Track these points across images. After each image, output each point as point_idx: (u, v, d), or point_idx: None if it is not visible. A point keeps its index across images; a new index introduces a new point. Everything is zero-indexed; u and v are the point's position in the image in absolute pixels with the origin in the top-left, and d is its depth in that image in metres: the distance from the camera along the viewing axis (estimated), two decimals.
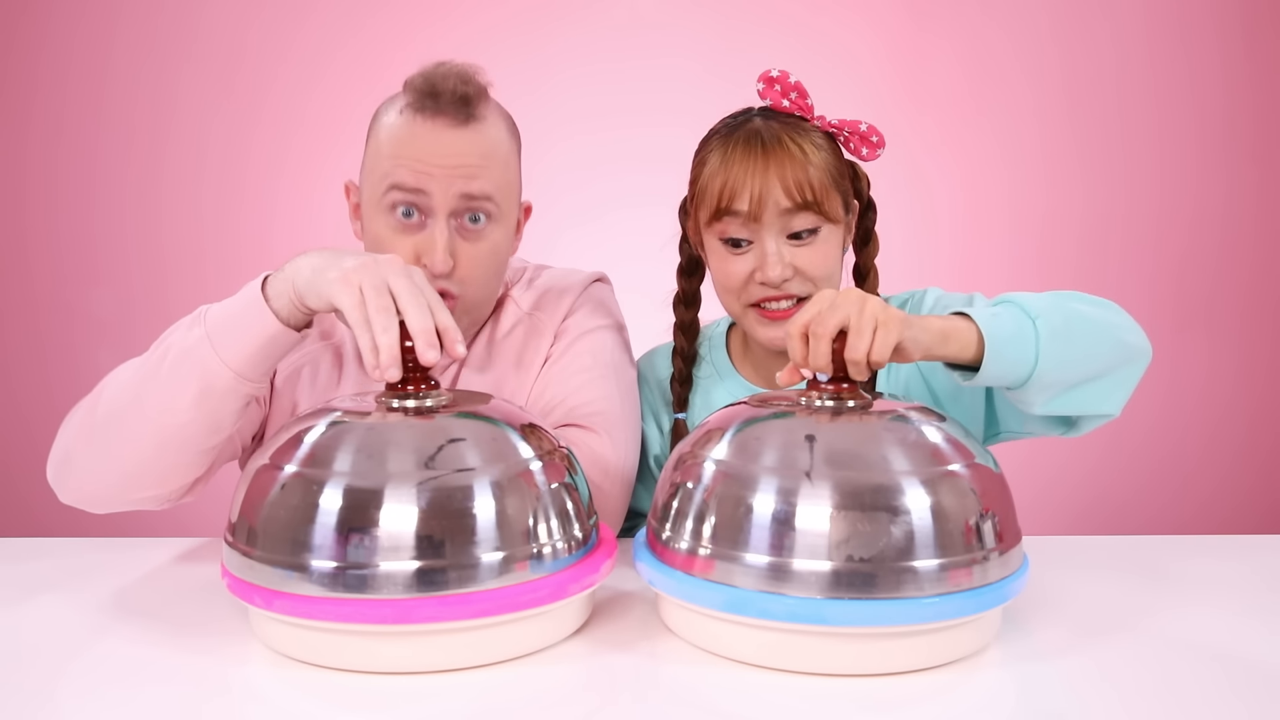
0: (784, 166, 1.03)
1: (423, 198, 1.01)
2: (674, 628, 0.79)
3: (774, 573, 0.71)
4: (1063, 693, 0.70)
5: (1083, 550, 1.04)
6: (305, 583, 0.71)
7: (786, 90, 1.08)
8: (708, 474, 0.77)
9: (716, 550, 0.74)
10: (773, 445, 0.76)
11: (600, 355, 1.11)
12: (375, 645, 0.72)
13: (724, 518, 0.74)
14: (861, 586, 0.70)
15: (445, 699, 0.69)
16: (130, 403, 0.91)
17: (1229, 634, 0.80)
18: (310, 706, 0.69)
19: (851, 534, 0.70)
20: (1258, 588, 0.92)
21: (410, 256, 1.02)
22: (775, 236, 1.04)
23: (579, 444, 1.03)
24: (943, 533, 0.71)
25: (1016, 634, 0.79)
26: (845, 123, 1.08)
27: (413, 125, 1.02)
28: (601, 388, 1.08)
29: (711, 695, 0.70)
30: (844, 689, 0.70)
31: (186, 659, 0.76)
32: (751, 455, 0.76)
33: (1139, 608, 0.87)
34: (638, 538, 0.84)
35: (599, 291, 1.19)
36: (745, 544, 0.73)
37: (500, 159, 1.05)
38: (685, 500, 0.78)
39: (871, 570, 0.70)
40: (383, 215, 1.03)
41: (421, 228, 1.02)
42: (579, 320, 1.13)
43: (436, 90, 1.02)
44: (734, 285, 1.07)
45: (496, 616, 0.72)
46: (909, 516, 0.71)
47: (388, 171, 1.02)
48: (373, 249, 1.05)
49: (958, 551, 0.72)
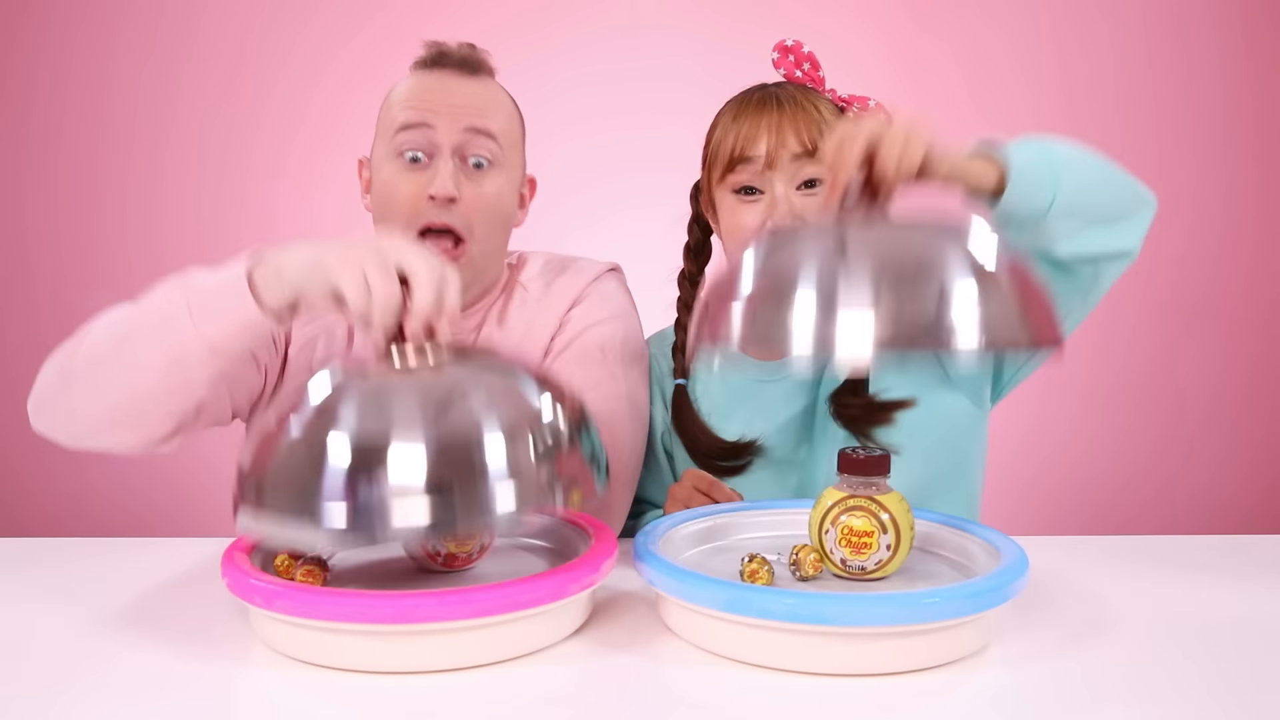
0: (796, 118, 1.06)
1: (428, 133, 1.05)
2: (674, 628, 0.79)
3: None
4: (1062, 693, 0.70)
5: (1083, 550, 1.04)
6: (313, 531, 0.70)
7: (800, 60, 1.11)
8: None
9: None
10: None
11: (607, 351, 1.11)
12: (375, 645, 0.72)
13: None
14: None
15: (445, 699, 0.69)
16: (106, 356, 0.91)
17: (1229, 633, 0.80)
18: (310, 706, 0.69)
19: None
20: (1258, 588, 0.91)
21: (417, 194, 1.05)
22: (786, 184, 1.06)
23: None
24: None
25: (1016, 634, 0.79)
26: (855, 98, 1.11)
27: (421, 78, 1.08)
28: (608, 386, 1.08)
29: (711, 695, 0.70)
30: (844, 689, 0.70)
31: (186, 658, 0.76)
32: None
33: (1139, 608, 0.87)
34: (638, 538, 0.84)
35: (609, 283, 1.18)
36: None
37: (505, 111, 1.10)
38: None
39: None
40: (390, 161, 1.06)
41: (427, 169, 1.05)
42: (585, 312, 1.13)
43: (444, 51, 1.09)
44: (745, 236, 1.08)
45: (496, 616, 0.72)
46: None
47: (395, 117, 1.06)
48: (381, 195, 1.08)
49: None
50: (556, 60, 2.39)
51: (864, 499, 0.82)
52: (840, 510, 0.82)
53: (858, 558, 0.81)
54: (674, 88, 2.30)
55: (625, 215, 2.14)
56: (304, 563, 0.82)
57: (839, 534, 0.81)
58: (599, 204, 2.31)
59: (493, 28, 2.38)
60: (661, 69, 2.39)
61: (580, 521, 0.90)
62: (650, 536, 0.84)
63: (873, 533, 0.81)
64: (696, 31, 2.40)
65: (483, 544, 0.85)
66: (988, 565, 0.81)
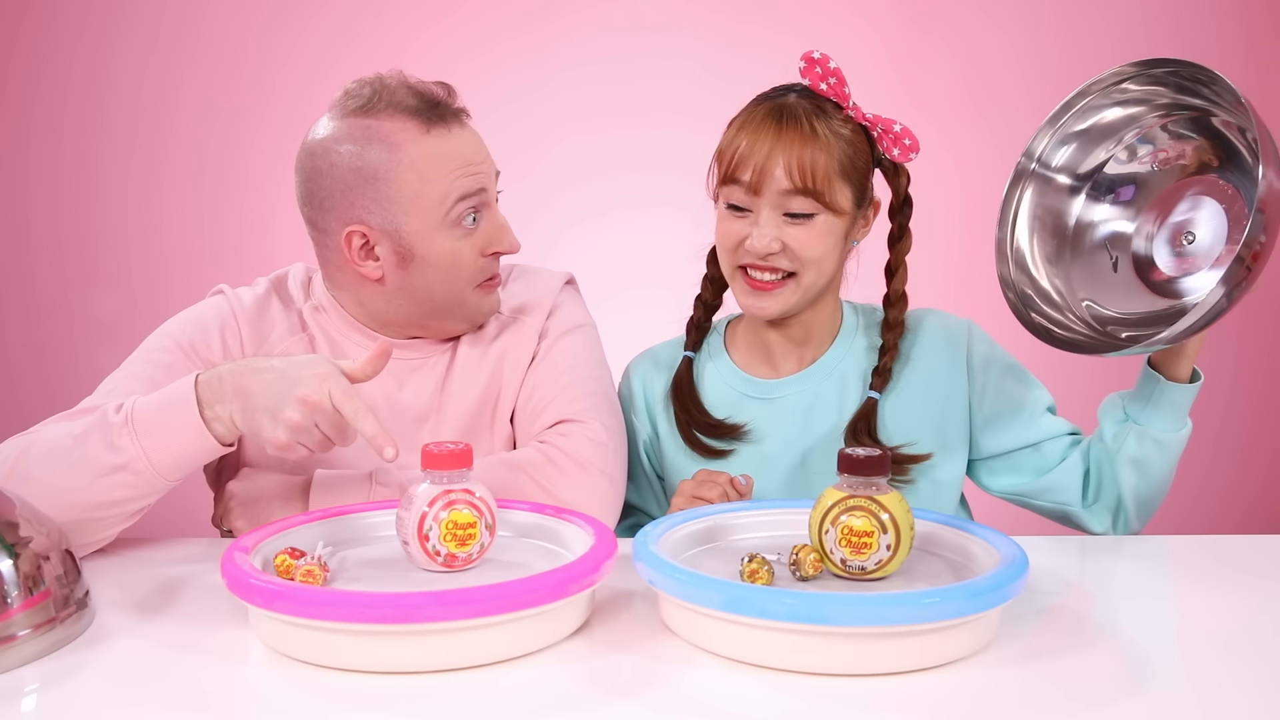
0: (792, 147, 1.05)
1: (483, 196, 1.09)
2: (674, 628, 0.79)
3: None
4: (1062, 693, 0.70)
5: (1083, 550, 1.04)
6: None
7: (826, 74, 1.10)
8: None
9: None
10: None
11: (582, 354, 1.15)
12: (375, 645, 0.72)
13: None
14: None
15: (445, 699, 0.69)
16: (57, 485, 0.93)
17: (1229, 633, 0.80)
18: (310, 706, 0.69)
19: None
20: (1258, 587, 0.91)
21: (483, 249, 1.10)
22: (771, 210, 1.07)
23: (575, 437, 1.06)
24: None
25: (1016, 634, 0.79)
26: (880, 119, 1.10)
27: (446, 139, 1.07)
28: (587, 386, 1.12)
29: (711, 695, 0.70)
30: (844, 689, 0.70)
31: (186, 658, 0.76)
32: None
33: (1139, 608, 0.87)
34: (638, 537, 0.84)
35: (571, 293, 1.23)
36: None
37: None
38: None
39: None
40: (449, 230, 1.08)
41: (476, 225, 1.09)
42: (560, 320, 1.17)
43: (438, 102, 1.07)
44: (728, 245, 1.11)
45: (496, 616, 0.72)
46: None
47: (448, 189, 1.06)
48: (447, 266, 1.09)
49: None
50: (556, 60, 2.39)
51: (864, 499, 0.82)
52: (840, 510, 0.82)
53: (858, 558, 0.81)
54: (674, 88, 2.31)
55: (624, 214, 2.15)
56: (304, 563, 0.82)
57: (839, 534, 0.81)
58: (598, 203, 2.32)
59: (493, 27, 2.39)
60: (661, 69, 2.39)
61: (581, 521, 0.90)
62: (650, 536, 0.84)
63: (873, 533, 0.81)
64: (697, 31, 2.40)
65: (482, 544, 0.85)
66: (988, 565, 0.81)
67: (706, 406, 1.17)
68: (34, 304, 2.48)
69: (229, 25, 2.43)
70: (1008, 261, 1.08)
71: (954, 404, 1.14)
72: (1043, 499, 1.15)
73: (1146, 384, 1.07)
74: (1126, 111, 1.05)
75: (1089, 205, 1.09)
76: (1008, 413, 1.14)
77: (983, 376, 1.14)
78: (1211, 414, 2.43)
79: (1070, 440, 1.15)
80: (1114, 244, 1.07)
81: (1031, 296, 1.07)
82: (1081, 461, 1.13)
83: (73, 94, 2.45)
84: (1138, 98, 1.04)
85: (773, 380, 1.17)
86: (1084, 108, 1.06)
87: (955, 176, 2.45)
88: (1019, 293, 1.07)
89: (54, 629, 0.78)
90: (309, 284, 1.19)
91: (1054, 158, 1.08)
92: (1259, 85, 2.40)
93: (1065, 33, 2.40)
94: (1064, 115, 1.07)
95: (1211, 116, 1.01)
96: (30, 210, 2.48)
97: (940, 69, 2.42)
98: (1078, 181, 1.09)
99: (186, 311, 1.16)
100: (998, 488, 1.18)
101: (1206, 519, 2.32)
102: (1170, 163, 1.05)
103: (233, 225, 2.45)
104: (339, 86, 1.11)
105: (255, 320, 1.14)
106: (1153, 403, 1.07)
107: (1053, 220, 1.09)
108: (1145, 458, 1.08)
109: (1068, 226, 1.09)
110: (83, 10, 2.43)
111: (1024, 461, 1.15)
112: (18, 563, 0.78)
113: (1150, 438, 1.07)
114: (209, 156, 2.46)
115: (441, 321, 1.13)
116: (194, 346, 1.11)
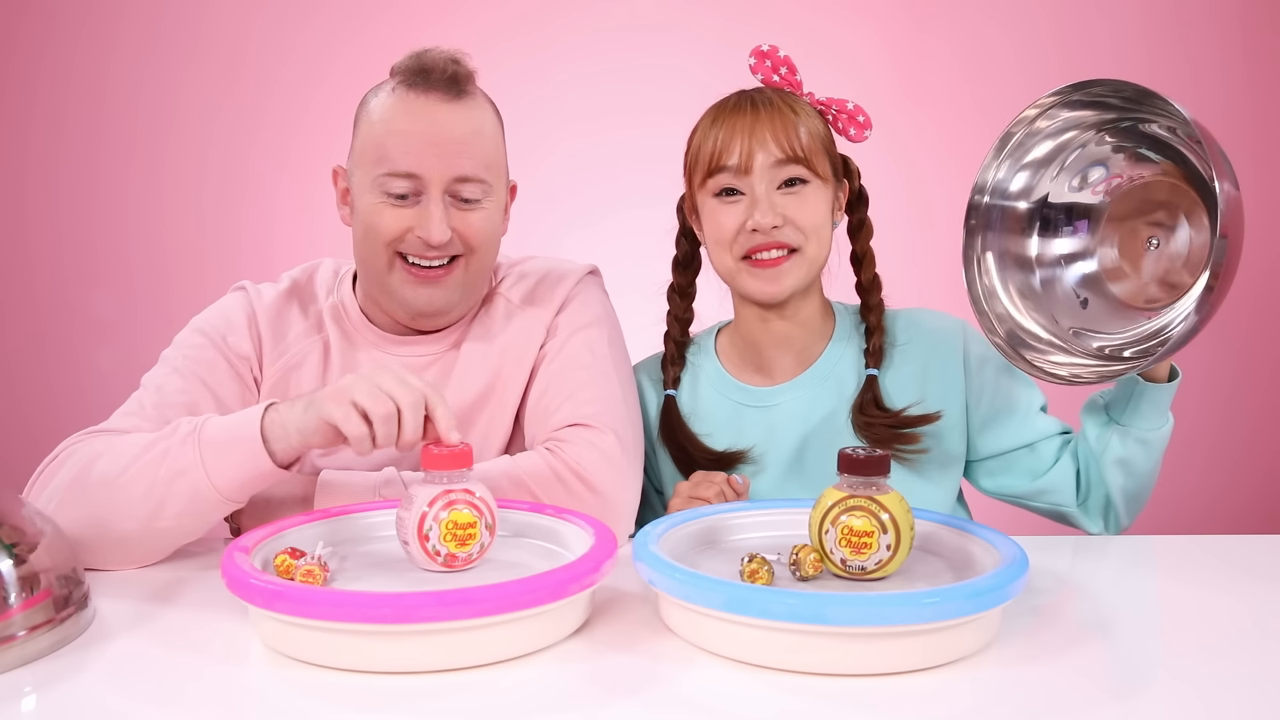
0: (774, 121, 1.07)
1: (416, 182, 1.04)
2: (674, 628, 0.79)
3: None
4: (1062, 693, 0.70)
5: (1083, 550, 1.04)
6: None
7: (777, 65, 1.12)
8: None
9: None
10: None
11: (597, 352, 1.12)
12: (375, 645, 0.72)
13: None
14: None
15: (445, 699, 0.69)
16: (117, 500, 0.93)
17: (1228, 633, 0.80)
18: (310, 706, 0.69)
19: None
20: (1258, 587, 0.91)
21: (403, 228, 1.05)
22: (766, 185, 1.07)
23: (586, 444, 1.03)
24: None
25: (1016, 634, 0.79)
26: (833, 101, 1.12)
27: (405, 102, 1.05)
28: (602, 386, 1.08)
29: (711, 695, 0.70)
30: (844, 689, 0.70)
31: (186, 659, 0.76)
32: None
33: (1139, 607, 0.87)
34: (637, 537, 0.84)
35: (591, 285, 1.19)
36: None
37: (488, 135, 1.09)
38: None
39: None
40: (376, 194, 1.06)
41: (415, 204, 1.05)
42: (572, 316, 1.14)
43: (426, 68, 1.06)
44: (726, 237, 1.09)
45: (496, 616, 0.72)
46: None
47: (382, 155, 1.04)
48: (364, 228, 1.07)
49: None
50: (556, 60, 2.39)
51: (864, 499, 0.82)
52: (840, 510, 0.82)
53: (858, 558, 0.81)
54: (674, 88, 2.30)
55: (625, 215, 2.14)
56: (304, 563, 0.82)
57: (839, 534, 0.81)
58: (599, 204, 2.32)
59: (493, 28, 2.39)
60: (661, 69, 2.38)
61: (581, 521, 0.90)
62: (650, 536, 0.84)
63: (873, 533, 0.81)
64: (696, 32, 2.40)
65: (482, 544, 0.85)
66: (988, 565, 0.81)
67: (705, 422, 1.16)
68: (34, 304, 2.48)
69: (229, 25, 2.43)
70: (982, 305, 1.06)
71: (951, 402, 1.14)
72: (1039, 500, 1.15)
73: (1126, 385, 1.07)
74: (1058, 140, 1.04)
75: (1044, 241, 1.08)
76: (1004, 412, 1.14)
77: (979, 376, 1.14)
78: (1212, 414, 2.44)
79: (1062, 440, 1.16)
80: (1081, 284, 1.06)
81: (1019, 336, 1.05)
82: (1072, 462, 1.14)
83: (73, 94, 2.45)
84: (1069, 124, 1.02)
85: (770, 388, 1.16)
86: (1020, 139, 1.04)
87: (956, 176, 2.44)
88: (1007, 333, 1.05)
89: (54, 629, 0.78)
90: (336, 280, 1.19)
91: (1007, 187, 1.07)
92: (1259, 85, 2.41)
93: (1065, 33, 2.40)
94: (1004, 148, 1.05)
95: (1150, 124, 0.99)
96: (30, 210, 2.48)
97: (940, 69, 2.42)
98: (1031, 216, 1.07)
99: (212, 307, 1.16)
100: (994, 489, 1.18)
101: (1206, 519, 2.32)
102: (1123, 187, 1.04)
103: (233, 225, 2.45)
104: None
105: (273, 319, 1.14)
106: (1133, 404, 1.07)
107: (1013, 259, 1.07)
108: (1130, 457, 1.08)
109: (1031, 262, 1.08)
110: (83, 10, 2.43)
111: (1019, 462, 1.15)
112: (17, 563, 0.78)
113: (1133, 437, 1.08)
114: (209, 156, 2.46)
115: (393, 309, 1.11)
116: (225, 340, 1.11)
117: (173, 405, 1.05)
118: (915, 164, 2.36)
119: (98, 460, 0.96)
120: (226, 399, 1.09)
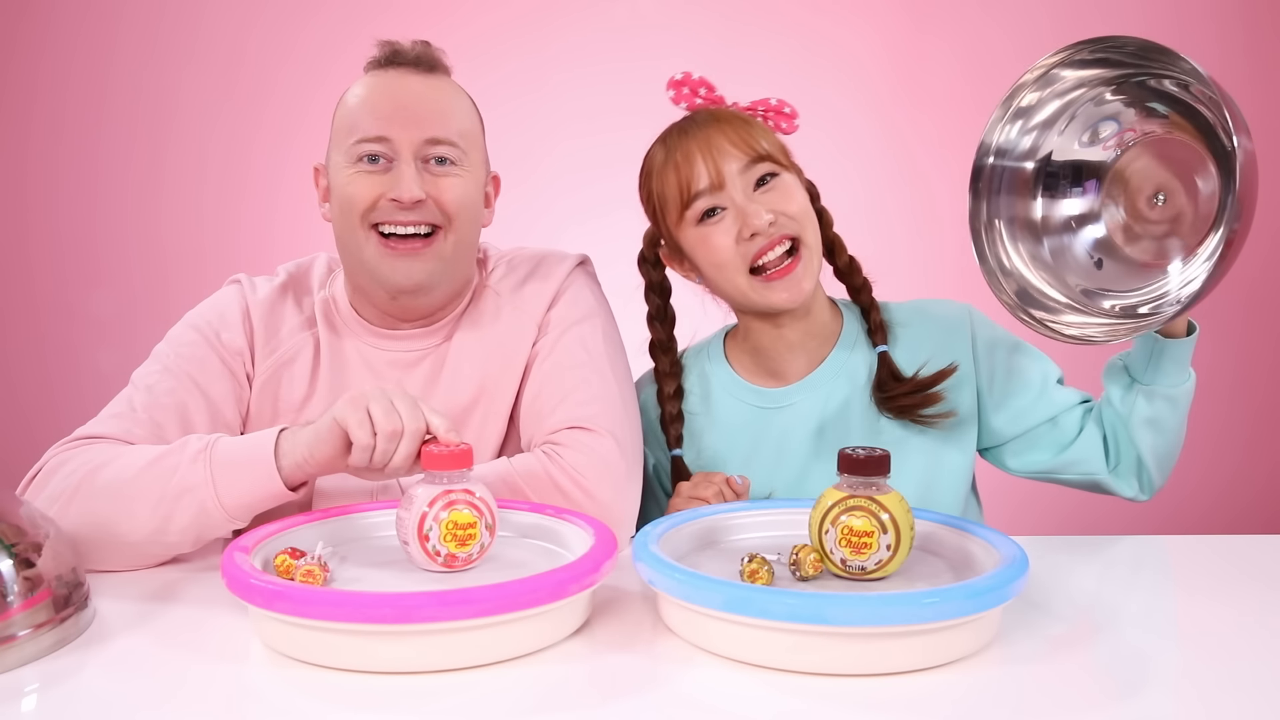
0: (724, 129, 1.08)
1: (387, 145, 1.05)
2: (674, 628, 0.79)
3: None
4: (1062, 693, 0.70)
5: (1083, 550, 1.04)
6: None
7: (695, 88, 1.14)
8: None
9: None
10: None
11: (592, 348, 1.10)
12: (375, 645, 0.72)
13: None
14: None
15: (445, 699, 0.69)
16: (123, 510, 0.94)
17: (1230, 633, 0.80)
18: (310, 706, 0.69)
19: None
20: (1257, 587, 0.91)
21: (377, 194, 1.05)
22: (742, 190, 1.07)
23: (585, 449, 1.02)
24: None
25: (1016, 634, 0.79)
26: (757, 102, 1.13)
27: (375, 78, 1.08)
28: (598, 385, 1.07)
29: (711, 695, 0.70)
30: (844, 689, 0.70)
31: (186, 658, 0.76)
32: None
33: (1139, 607, 0.87)
34: (637, 537, 0.84)
35: (581, 276, 1.18)
36: None
37: (463, 110, 1.10)
38: None
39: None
40: (348, 166, 1.06)
41: (387, 171, 1.05)
42: (564, 311, 1.13)
43: (397, 50, 1.09)
44: (726, 258, 1.09)
45: (496, 616, 0.72)
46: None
47: (354, 126, 1.06)
48: (340, 198, 1.07)
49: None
50: (556, 60, 2.39)
51: (864, 499, 0.82)
52: (840, 510, 0.82)
53: (858, 558, 0.81)
54: None
55: (625, 215, 2.14)
56: (304, 563, 0.82)
57: (839, 534, 0.81)
58: (598, 203, 2.31)
59: (493, 28, 2.39)
60: (661, 69, 2.38)
61: (581, 521, 0.90)
62: (650, 537, 0.84)
63: (873, 533, 0.81)
64: (696, 32, 2.40)
65: (483, 544, 0.85)
66: (987, 565, 0.81)
67: (722, 428, 1.15)
68: (34, 304, 2.48)
69: (229, 25, 2.43)
70: (990, 266, 1.06)
71: (963, 386, 1.12)
72: (1069, 472, 1.14)
73: (1145, 344, 1.06)
74: (1065, 99, 1.05)
75: (1051, 202, 1.07)
76: (1019, 390, 1.13)
77: (989, 359, 1.14)
78: (1213, 414, 2.44)
79: (1084, 409, 1.14)
80: (1094, 246, 1.06)
81: (1031, 294, 1.05)
82: (1097, 428, 1.13)
83: (73, 94, 2.45)
84: (1077, 82, 1.03)
85: (784, 388, 1.16)
86: (1026, 100, 1.05)
87: (957, 176, 2.44)
88: (1016, 290, 1.05)
89: (54, 629, 0.78)
90: (329, 275, 1.19)
91: (1013, 149, 1.07)
92: (1259, 85, 2.41)
93: (1065, 33, 2.38)
94: (1009, 106, 1.06)
95: (1160, 79, 0.99)
96: (30, 210, 2.48)
97: (940, 69, 2.42)
98: (1036, 175, 1.07)
99: (207, 301, 1.16)
100: (1022, 467, 1.16)
101: (1208, 519, 2.32)
102: (1134, 142, 1.03)
103: (233, 225, 2.45)
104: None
105: (266, 314, 1.14)
106: (1154, 361, 1.06)
107: (1022, 222, 1.08)
108: (1158, 416, 1.07)
109: (1037, 225, 1.08)
110: (83, 10, 2.43)
111: (1043, 437, 1.14)
112: (18, 563, 0.78)
113: (1159, 396, 1.07)
114: (209, 156, 2.46)
115: (373, 291, 1.10)
116: (219, 336, 1.11)
117: (162, 407, 1.05)
118: (916, 163, 2.36)
119: (104, 469, 0.96)
120: (217, 398, 1.08)
